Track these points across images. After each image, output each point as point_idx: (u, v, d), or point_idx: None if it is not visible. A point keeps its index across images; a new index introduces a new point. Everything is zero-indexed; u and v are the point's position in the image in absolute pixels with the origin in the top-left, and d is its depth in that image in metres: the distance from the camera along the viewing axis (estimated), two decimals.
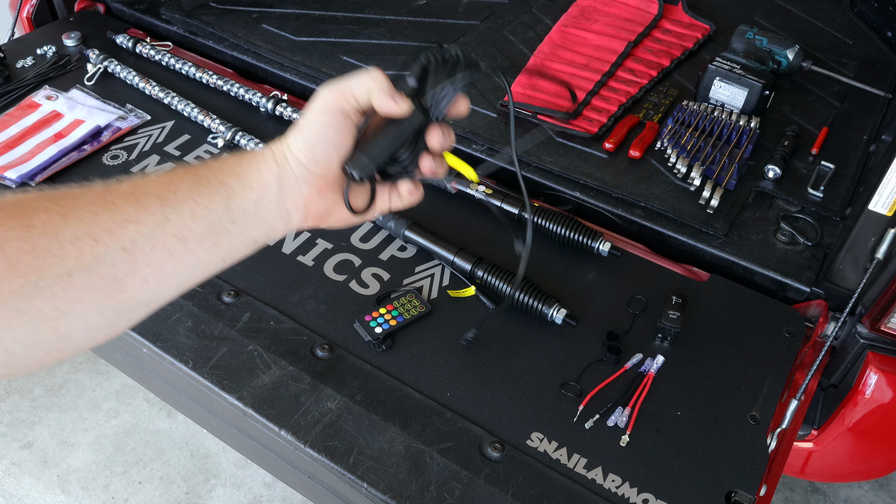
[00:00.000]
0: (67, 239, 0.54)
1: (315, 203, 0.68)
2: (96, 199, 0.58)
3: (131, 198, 0.59)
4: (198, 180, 0.62)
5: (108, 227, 0.56)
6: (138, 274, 0.58)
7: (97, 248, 0.55)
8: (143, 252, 0.58)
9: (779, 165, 1.42)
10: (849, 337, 1.23)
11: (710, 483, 0.97)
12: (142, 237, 0.58)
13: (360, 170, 0.68)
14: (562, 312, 1.13)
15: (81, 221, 0.55)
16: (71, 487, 1.86)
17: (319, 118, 0.67)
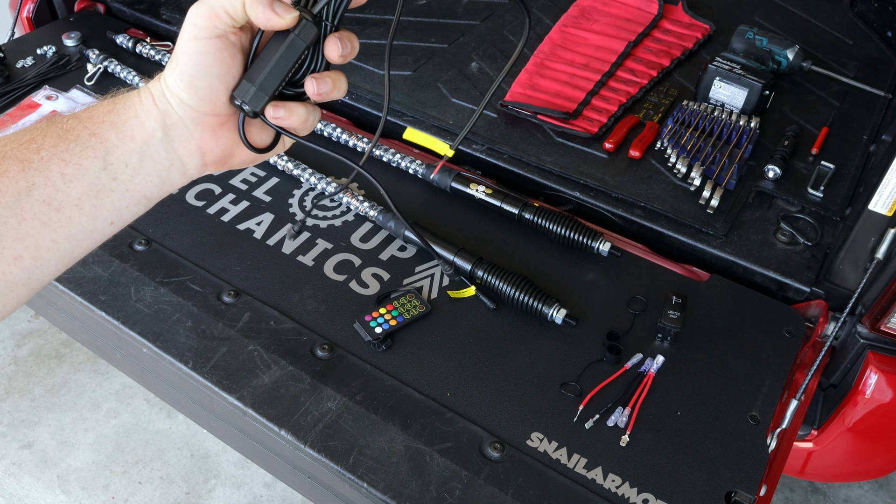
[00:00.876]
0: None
1: (211, 146, 0.59)
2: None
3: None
4: (64, 134, 0.53)
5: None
6: (7, 251, 0.50)
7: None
8: (9, 226, 0.50)
9: (779, 165, 1.42)
10: (849, 337, 1.23)
11: (710, 483, 0.97)
12: (3, 209, 0.49)
13: (252, 102, 0.58)
14: (562, 312, 1.13)
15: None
16: (71, 487, 1.86)
17: (193, 46, 0.55)
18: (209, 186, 1.38)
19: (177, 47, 0.57)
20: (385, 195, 0.79)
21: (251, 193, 1.37)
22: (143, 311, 1.14)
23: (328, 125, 1.49)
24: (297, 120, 0.61)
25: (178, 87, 0.56)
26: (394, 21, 0.69)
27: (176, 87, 0.56)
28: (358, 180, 1.42)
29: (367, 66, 1.68)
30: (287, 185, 1.40)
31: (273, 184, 1.40)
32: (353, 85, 1.63)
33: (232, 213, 1.33)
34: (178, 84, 0.56)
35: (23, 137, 0.52)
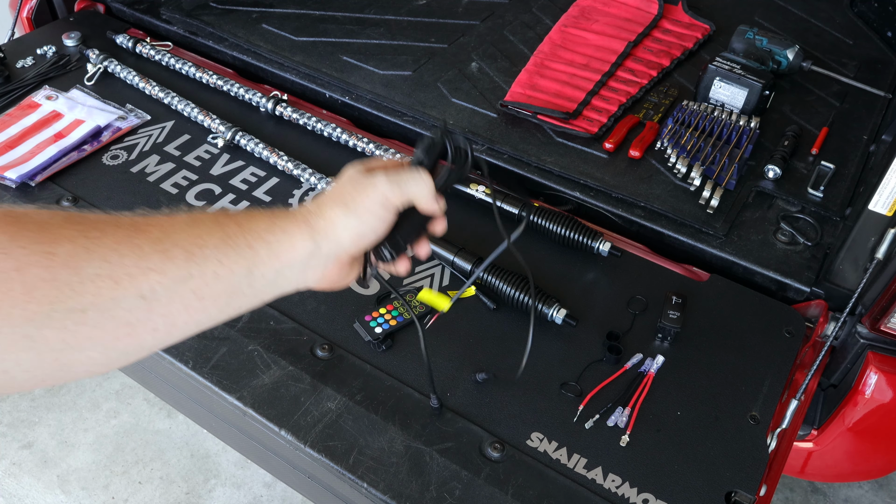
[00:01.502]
0: (88, 276, 0.54)
1: (333, 275, 0.72)
2: (123, 238, 0.57)
3: (158, 245, 0.58)
4: (226, 239, 0.63)
5: (130, 271, 0.56)
6: (150, 322, 0.58)
7: (116, 290, 0.55)
8: (161, 303, 0.58)
9: (779, 165, 1.42)
10: (849, 337, 1.23)
11: (710, 483, 0.97)
12: (162, 288, 0.57)
13: (386, 259, 0.77)
14: (562, 312, 1.13)
15: (105, 260, 0.55)
16: (71, 487, 1.86)
17: (379, 212, 0.71)
18: (209, 186, 1.38)
19: (361, 204, 0.70)
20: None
21: (251, 193, 1.37)
22: None
23: (328, 125, 1.49)
24: (405, 269, 0.82)
25: (346, 233, 0.70)
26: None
27: (345, 231, 0.69)
28: None
29: (367, 66, 1.68)
30: (287, 185, 1.40)
31: (273, 184, 1.40)
32: (353, 85, 1.63)
33: None
34: (350, 232, 0.70)
35: (194, 230, 0.61)
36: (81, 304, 0.53)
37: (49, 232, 0.54)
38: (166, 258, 0.58)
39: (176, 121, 1.53)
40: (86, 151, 1.43)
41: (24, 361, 0.53)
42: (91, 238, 0.55)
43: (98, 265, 0.55)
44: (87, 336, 0.54)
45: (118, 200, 1.34)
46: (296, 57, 1.70)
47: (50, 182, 1.36)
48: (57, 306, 0.52)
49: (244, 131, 1.46)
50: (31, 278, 0.52)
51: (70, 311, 0.53)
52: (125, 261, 0.56)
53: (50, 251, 0.53)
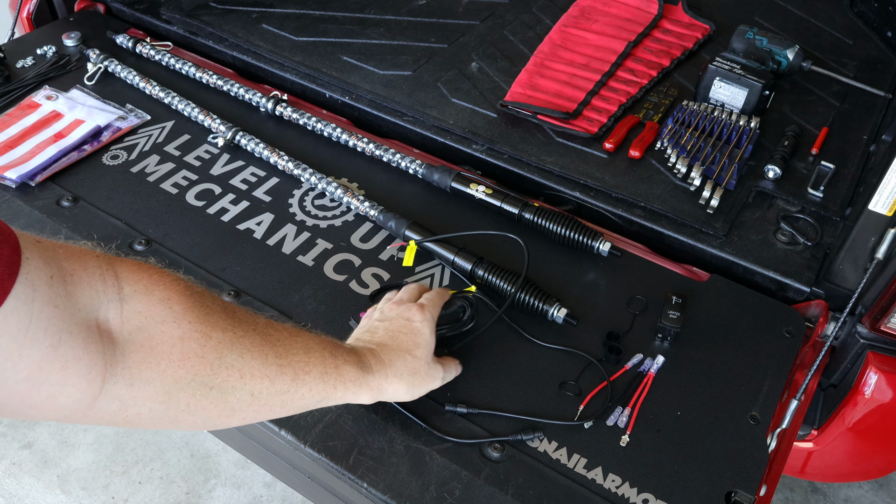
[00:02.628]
0: (225, 363, 0.68)
1: (399, 395, 0.94)
2: (258, 343, 0.72)
3: (278, 360, 0.74)
4: (324, 376, 0.80)
5: (253, 372, 0.71)
6: (250, 411, 0.72)
7: (239, 381, 0.69)
8: (259, 403, 0.72)
9: (779, 165, 1.42)
10: (849, 337, 1.23)
11: (710, 483, 0.97)
12: (267, 393, 0.73)
13: None
14: (562, 312, 1.13)
15: (240, 356, 0.70)
16: (71, 487, 1.86)
17: (426, 386, 0.97)
18: (209, 186, 1.38)
19: (421, 389, 0.96)
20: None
21: (251, 193, 1.37)
22: None
23: (328, 125, 1.49)
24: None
25: (397, 395, 0.93)
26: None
27: (396, 395, 0.93)
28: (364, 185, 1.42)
29: (367, 66, 1.68)
30: (287, 185, 1.40)
31: (273, 184, 1.40)
32: (353, 85, 1.63)
33: (232, 213, 1.33)
34: (399, 396, 0.94)
35: (305, 356, 0.78)
36: (212, 382, 0.67)
37: (211, 316, 0.68)
38: (280, 373, 0.74)
39: (176, 121, 1.53)
40: (86, 151, 1.43)
41: (155, 410, 0.64)
42: (237, 334, 0.70)
43: (235, 358, 0.69)
44: (204, 408, 0.67)
45: (118, 200, 1.34)
46: (296, 57, 1.70)
47: (50, 182, 1.36)
48: (197, 378, 0.66)
49: (244, 131, 1.46)
50: (188, 350, 0.65)
51: (203, 385, 0.66)
52: (253, 362, 0.71)
53: (207, 333, 0.67)
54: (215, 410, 0.69)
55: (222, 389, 0.68)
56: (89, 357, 0.58)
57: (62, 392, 0.57)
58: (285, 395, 0.75)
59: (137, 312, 0.63)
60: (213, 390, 0.67)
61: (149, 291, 0.65)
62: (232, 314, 0.71)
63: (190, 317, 0.66)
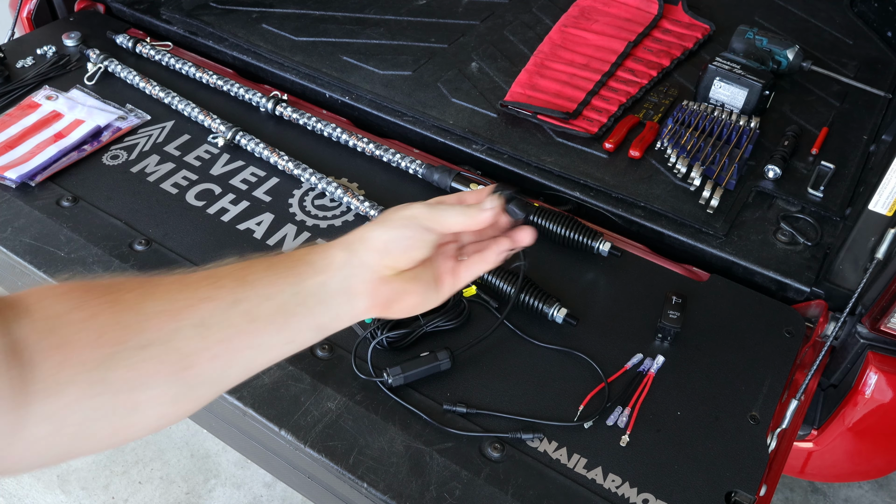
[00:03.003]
0: (150, 314, 0.58)
1: (380, 290, 0.69)
2: (177, 280, 0.61)
3: (208, 279, 0.62)
4: (270, 266, 0.66)
5: (186, 303, 0.59)
6: (208, 350, 0.60)
7: (175, 322, 0.58)
8: (214, 329, 0.60)
9: (779, 165, 1.42)
10: (849, 337, 1.23)
11: (710, 483, 0.97)
12: (212, 315, 0.60)
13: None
14: (562, 312, 1.13)
15: (163, 299, 0.59)
16: (71, 487, 1.86)
17: (408, 224, 0.70)
18: (209, 186, 1.38)
19: (391, 216, 0.70)
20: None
21: (251, 193, 1.37)
22: None
23: (328, 125, 1.49)
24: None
25: (378, 240, 0.68)
26: None
27: (377, 239, 0.69)
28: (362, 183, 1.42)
29: (367, 66, 1.68)
30: (287, 184, 1.40)
31: (273, 184, 1.40)
32: (353, 85, 1.63)
33: (232, 213, 1.33)
34: (380, 238, 0.69)
35: (239, 264, 0.65)
36: (145, 340, 0.57)
37: (113, 287, 0.59)
38: (216, 287, 0.61)
39: (176, 121, 1.53)
40: (86, 151, 1.43)
41: (99, 406, 0.55)
42: (151, 285, 0.60)
43: (159, 304, 0.59)
44: (153, 371, 0.57)
45: (118, 200, 1.34)
46: (296, 57, 1.70)
47: (50, 182, 1.36)
48: (124, 345, 0.56)
49: (244, 131, 1.46)
50: (100, 324, 0.56)
51: (135, 349, 0.56)
52: (180, 296, 0.60)
53: (115, 300, 0.58)
54: (170, 367, 0.58)
55: (161, 340, 0.57)
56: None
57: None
58: (241, 306, 0.61)
59: (42, 319, 0.56)
60: (149, 348, 0.57)
61: (47, 296, 0.58)
62: (139, 279, 0.61)
63: (93, 294, 0.58)
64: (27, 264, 1.20)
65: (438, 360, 1.06)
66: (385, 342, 1.09)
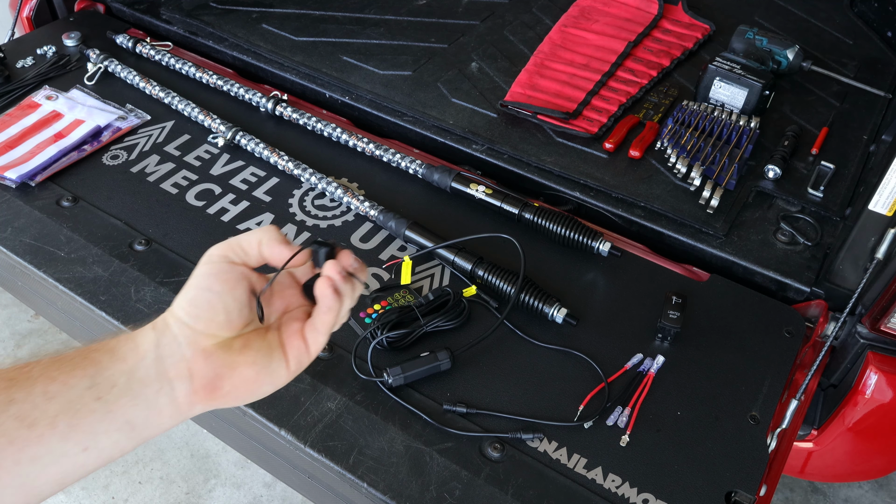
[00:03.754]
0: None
1: (201, 366, 0.56)
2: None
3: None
4: (59, 358, 0.52)
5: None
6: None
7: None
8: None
9: (779, 165, 1.42)
10: (849, 337, 1.23)
11: (710, 483, 0.96)
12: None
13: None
14: (562, 312, 1.13)
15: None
16: (71, 487, 1.86)
17: (203, 269, 0.58)
18: (209, 186, 1.38)
19: (190, 278, 0.58)
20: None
21: (251, 193, 1.37)
22: (143, 311, 1.14)
23: (328, 125, 1.49)
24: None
25: (180, 307, 0.57)
26: None
27: (179, 306, 0.57)
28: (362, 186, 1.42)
29: (367, 66, 1.68)
30: (287, 185, 1.40)
31: (273, 184, 1.40)
32: (353, 85, 1.63)
33: (232, 213, 1.33)
34: (182, 303, 0.57)
35: (20, 364, 0.52)
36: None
37: None
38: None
39: (176, 121, 1.53)
40: (86, 151, 1.43)
41: None
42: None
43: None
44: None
45: (118, 200, 1.34)
46: (296, 57, 1.70)
47: (50, 182, 1.36)
48: None
49: (244, 131, 1.46)
50: None
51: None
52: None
53: None
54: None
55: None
56: None
57: None
58: (13, 408, 0.49)
59: None
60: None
61: None
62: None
63: None
64: (27, 264, 1.20)
65: (438, 360, 1.06)
66: (385, 342, 1.09)
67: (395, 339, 1.10)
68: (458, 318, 1.14)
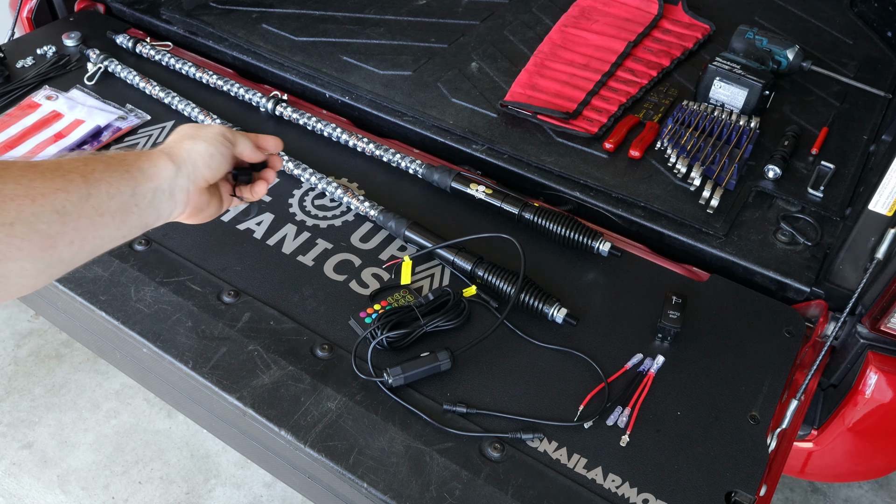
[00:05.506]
0: (7, 196, 0.64)
1: (196, 198, 0.87)
2: (26, 167, 0.68)
3: (57, 171, 0.70)
4: (109, 167, 0.75)
5: (42, 191, 0.67)
6: (66, 235, 0.69)
7: (34, 206, 0.66)
8: (72, 217, 0.69)
9: (779, 165, 1.42)
10: (849, 337, 1.23)
11: (710, 483, 0.97)
12: (70, 205, 0.69)
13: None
14: (562, 312, 1.13)
15: (17, 183, 0.66)
16: (71, 487, 1.86)
17: (221, 140, 0.90)
18: None
19: (204, 134, 0.88)
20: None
21: None
22: (143, 311, 1.14)
23: (328, 125, 1.49)
24: (260, 193, 1.02)
25: (198, 155, 0.86)
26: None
27: (197, 154, 0.86)
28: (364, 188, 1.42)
29: (367, 66, 1.68)
30: (287, 184, 1.40)
31: (273, 184, 1.40)
32: (353, 85, 1.63)
33: (232, 213, 1.33)
34: (200, 153, 0.86)
35: (80, 160, 0.73)
36: (9, 218, 0.64)
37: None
38: (67, 181, 0.70)
39: (176, 121, 1.53)
40: (86, 151, 1.43)
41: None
42: (1, 168, 0.66)
43: (13, 187, 0.65)
44: (18, 246, 0.65)
45: None
46: (296, 57, 1.70)
47: None
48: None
49: (244, 131, 1.46)
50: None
51: (1, 225, 0.63)
52: (34, 183, 0.67)
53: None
54: (35, 245, 0.66)
55: (24, 221, 0.65)
56: None
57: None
58: (91, 200, 0.71)
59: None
60: (14, 226, 0.64)
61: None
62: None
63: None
64: None
65: (438, 360, 1.06)
66: (385, 342, 1.09)
67: (395, 339, 1.10)
68: (458, 318, 1.14)
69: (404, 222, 1.27)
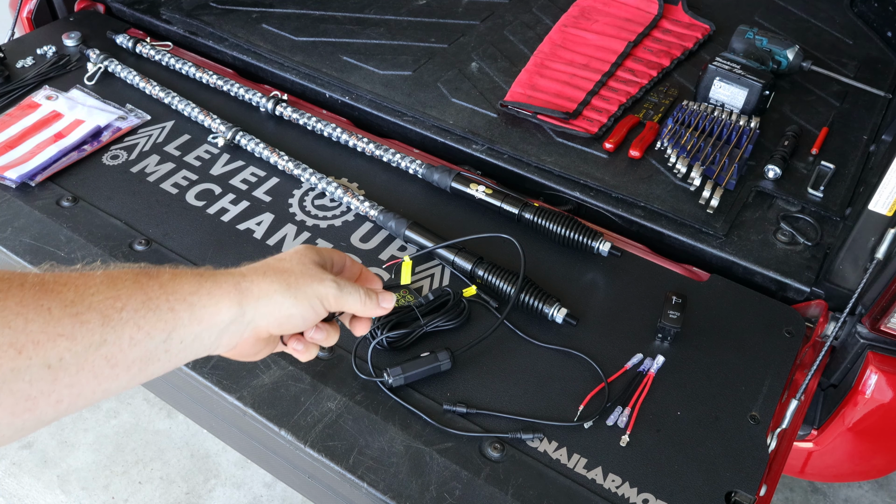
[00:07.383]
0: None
1: (246, 347, 0.67)
2: (30, 300, 0.51)
3: (71, 308, 0.53)
4: (147, 301, 0.57)
5: (36, 338, 0.50)
6: (55, 394, 0.52)
7: (18, 360, 0.49)
8: (68, 372, 0.52)
9: (779, 165, 1.42)
10: (849, 337, 1.23)
11: (710, 483, 0.97)
12: (71, 356, 0.52)
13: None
14: (562, 312, 1.13)
15: (7, 326, 0.49)
16: (71, 487, 1.86)
17: (315, 306, 0.69)
18: (209, 186, 1.38)
19: (304, 289, 0.67)
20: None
21: (251, 193, 1.37)
22: None
23: (328, 125, 1.49)
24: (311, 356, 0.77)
25: (277, 309, 0.66)
26: None
27: (277, 307, 0.65)
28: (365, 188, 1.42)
29: (368, 66, 1.68)
30: (287, 184, 1.40)
31: (273, 184, 1.40)
32: (353, 85, 1.63)
33: (232, 213, 1.33)
34: (280, 308, 0.66)
35: (111, 290, 0.56)
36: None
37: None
38: (78, 322, 0.52)
39: (176, 121, 1.53)
40: (86, 151, 1.43)
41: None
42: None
43: (3, 333, 0.49)
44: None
45: (118, 200, 1.34)
46: (296, 57, 1.70)
47: (50, 182, 1.36)
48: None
49: (244, 131, 1.46)
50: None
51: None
52: (31, 327, 0.50)
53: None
54: (4, 411, 0.49)
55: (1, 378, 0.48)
56: None
57: None
58: (103, 349, 0.53)
59: None
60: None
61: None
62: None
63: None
64: (27, 264, 1.20)
65: (439, 360, 1.06)
66: (385, 342, 1.09)
67: (395, 339, 1.10)
68: (458, 318, 1.14)
69: (404, 222, 1.27)
